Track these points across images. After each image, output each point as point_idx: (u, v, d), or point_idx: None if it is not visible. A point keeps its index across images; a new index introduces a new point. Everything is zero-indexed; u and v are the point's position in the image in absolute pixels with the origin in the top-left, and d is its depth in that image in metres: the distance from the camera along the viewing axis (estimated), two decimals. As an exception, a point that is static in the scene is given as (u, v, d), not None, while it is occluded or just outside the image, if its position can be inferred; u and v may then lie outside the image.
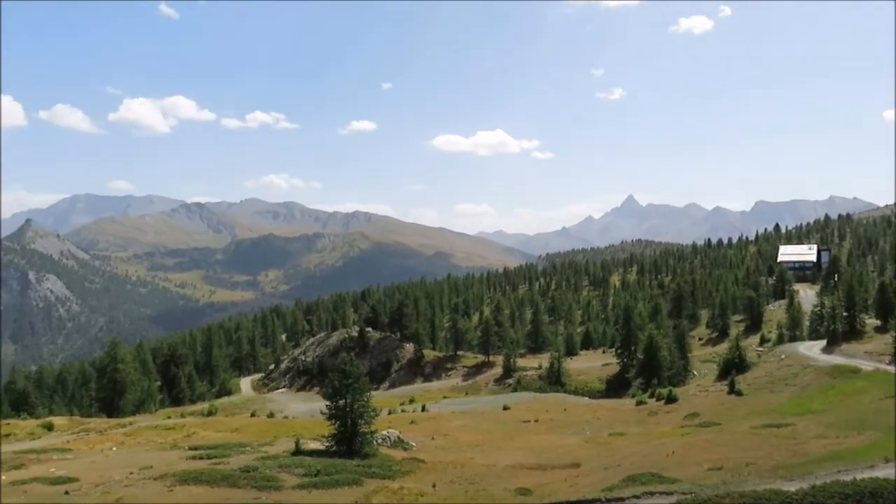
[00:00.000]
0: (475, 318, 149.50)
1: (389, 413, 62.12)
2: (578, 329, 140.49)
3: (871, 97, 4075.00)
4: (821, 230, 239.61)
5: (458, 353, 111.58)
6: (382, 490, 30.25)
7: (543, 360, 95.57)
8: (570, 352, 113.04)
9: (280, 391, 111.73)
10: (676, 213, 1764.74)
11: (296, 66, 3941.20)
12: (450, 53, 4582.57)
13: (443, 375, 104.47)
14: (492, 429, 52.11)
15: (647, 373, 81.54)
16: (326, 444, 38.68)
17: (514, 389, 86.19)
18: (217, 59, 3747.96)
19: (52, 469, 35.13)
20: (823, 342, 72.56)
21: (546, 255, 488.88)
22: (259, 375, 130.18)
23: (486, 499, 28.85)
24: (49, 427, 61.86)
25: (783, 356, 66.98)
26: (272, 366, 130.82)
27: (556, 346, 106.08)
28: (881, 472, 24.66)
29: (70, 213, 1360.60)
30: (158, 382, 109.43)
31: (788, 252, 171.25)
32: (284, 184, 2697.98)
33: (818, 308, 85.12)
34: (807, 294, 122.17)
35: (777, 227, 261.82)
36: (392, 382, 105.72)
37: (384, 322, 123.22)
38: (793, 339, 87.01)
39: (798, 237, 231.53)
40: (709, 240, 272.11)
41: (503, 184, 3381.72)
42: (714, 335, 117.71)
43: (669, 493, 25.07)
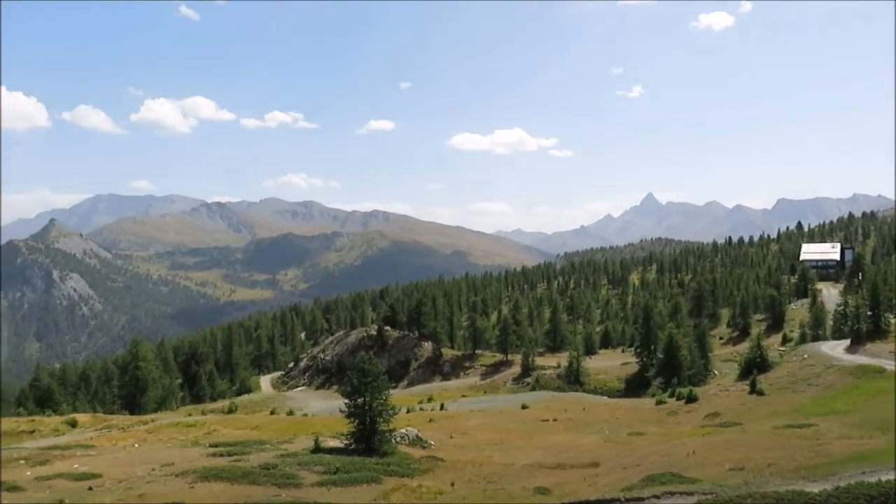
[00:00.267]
0: (493, 317, 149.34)
1: (408, 411, 62.18)
2: (597, 328, 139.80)
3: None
4: (844, 228, 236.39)
5: (477, 352, 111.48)
6: (401, 488, 30.32)
7: (562, 360, 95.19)
8: (589, 351, 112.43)
9: (299, 389, 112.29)
10: (696, 212, 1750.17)
11: (314, 66, 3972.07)
12: (468, 53, 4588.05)
13: (461, 374, 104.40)
14: (510, 428, 52.00)
15: (667, 372, 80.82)
16: (345, 442, 38.90)
17: (533, 388, 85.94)
18: (236, 60, 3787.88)
19: (76, 465, 35.62)
20: (847, 342, 71.57)
21: (564, 254, 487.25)
22: (278, 373, 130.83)
23: (505, 498, 28.79)
24: (73, 424, 62.86)
25: (806, 356, 66.20)
26: (291, 364, 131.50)
27: (575, 346, 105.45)
28: (906, 474, 24.22)
29: (93, 213, 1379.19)
30: (179, 380, 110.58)
31: (811, 250, 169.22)
32: (303, 183, 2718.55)
33: (842, 307, 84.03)
34: (830, 293, 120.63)
35: (799, 225, 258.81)
36: (410, 381, 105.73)
37: (402, 321, 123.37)
38: (815, 339, 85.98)
39: (821, 235, 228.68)
40: (729, 238, 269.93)
41: (521, 182, 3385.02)
42: (735, 334, 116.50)
43: (690, 494, 24.84)
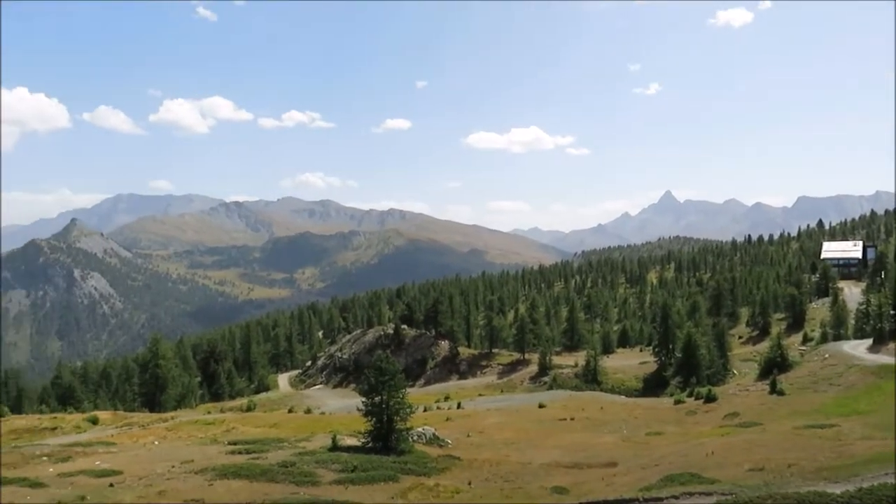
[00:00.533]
0: (510, 316, 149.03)
1: (425, 410, 62.27)
2: (615, 327, 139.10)
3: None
4: (866, 226, 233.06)
5: (494, 351, 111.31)
6: (418, 487, 30.36)
7: (579, 358, 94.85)
8: (607, 350, 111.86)
9: (317, 387, 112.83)
10: (715, 210, 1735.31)
11: (330, 66, 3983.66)
12: (484, 51, 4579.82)
13: (478, 373, 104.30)
14: (527, 427, 51.87)
15: (686, 371, 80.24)
16: (363, 441, 38.99)
17: (550, 387, 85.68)
18: (253, 60, 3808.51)
19: (98, 462, 36.05)
20: (869, 341, 70.53)
21: (582, 253, 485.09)
22: (296, 372, 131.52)
23: (522, 497, 28.74)
24: (94, 421, 63.68)
25: (827, 355, 65.42)
26: (309, 362, 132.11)
27: (593, 344, 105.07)
28: (931, 476, 23.86)
29: (113, 213, 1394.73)
30: (198, 378, 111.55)
31: (832, 248, 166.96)
32: (321, 182, 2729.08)
33: (864, 306, 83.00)
34: (851, 292, 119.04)
35: (820, 223, 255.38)
36: (427, 380, 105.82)
37: (419, 319, 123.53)
38: (837, 338, 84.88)
39: (842, 233, 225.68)
40: (749, 236, 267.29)
41: (538, 181, 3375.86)
42: (755, 333, 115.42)
43: (709, 494, 24.63)
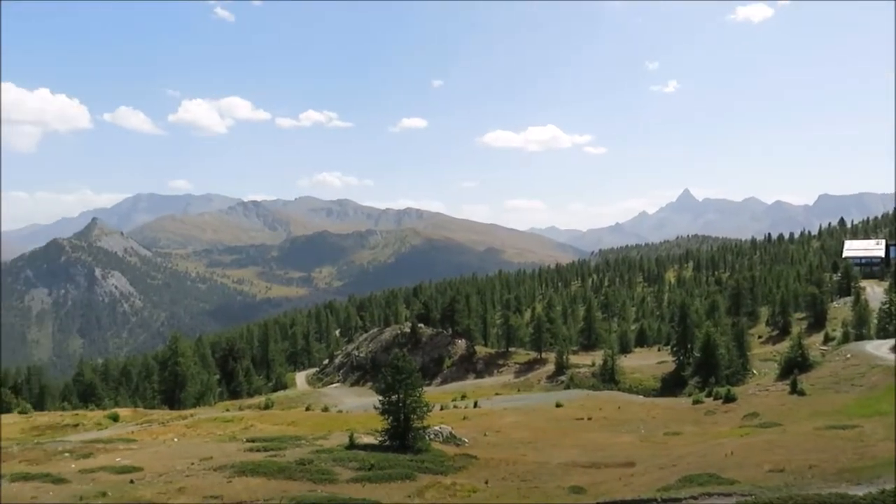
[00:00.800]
0: (527, 315, 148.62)
1: (441, 409, 62.26)
2: (632, 326, 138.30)
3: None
4: (889, 224, 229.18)
5: (510, 350, 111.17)
6: (435, 485, 30.37)
7: (597, 358, 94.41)
8: (624, 349, 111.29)
9: (334, 386, 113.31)
10: (734, 208, 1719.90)
11: (347, 65, 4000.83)
12: (500, 50, 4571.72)
13: (495, 372, 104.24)
14: (544, 426, 51.73)
15: (704, 371, 79.54)
16: (380, 439, 39.11)
17: (567, 387, 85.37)
18: (271, 60, 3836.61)
19: (118, 458, 36.46)
20: (892, 341, 69.43)
21: (599, 251, 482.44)
22: (313, 370, 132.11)
23: (540, 496, 28.65)
24: (115, 418, 64.37)
25: (849, 355, 64.60)
26: (326, 361, 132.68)
27: (610, 344, 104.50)
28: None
29: (133, 212, 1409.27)
30: (217, 376, 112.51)
31: (854, 247, 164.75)
32: (338, 181, 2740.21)
33: (887, 305, 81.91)
34: (874, 291, 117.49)
35: (842, 222, 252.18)
36: (444, 378, 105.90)
37: (436, 318, 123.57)
38: (859, 338, 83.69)
39: (865, 231, 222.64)
40: (769, 235, 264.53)
41: (555, 179, 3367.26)
42: (775, 333, 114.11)
43: (728, 495, 24.43)
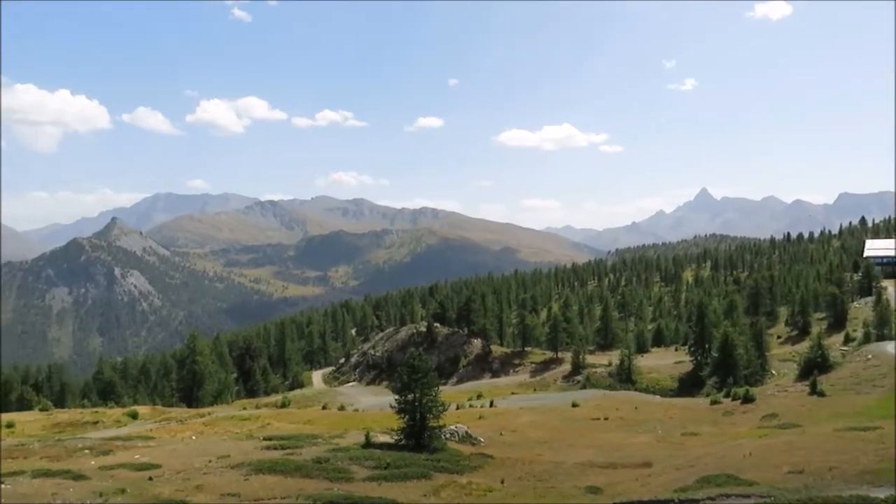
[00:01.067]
0: (543, 315, 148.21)
1: (457, 408, 62.30)
2: (649, 326, 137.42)
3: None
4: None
5: (526, 350, 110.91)
6: (451, 484, 30.35)
7: (613, 358, 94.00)
8: (641, 349, 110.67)
9: (350, 385, 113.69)
10: (753, 207, 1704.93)
11: (363, 65, 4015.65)
12: (516, 49, 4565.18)
13: (510, 371, 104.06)
14: (561, 426, 51.60)
15: (722, 371, 78.87)
16: (396, 438, 39.19)
17: (583, 386, 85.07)
18: (287, 60, 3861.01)
19: (137, 455, 36.80)
20: (914, 342, 68.79)
21: (615, 251, 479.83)
22: (330, 369, 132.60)
23: (556, 496, 28.56)
24: (134, 416, 65.08)
25: (870, 356, 63.86)
26: (342, 360, 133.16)
27: (627, 343, 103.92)
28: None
29: (151, 212, 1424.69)
30: (234, 374, 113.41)
31: (876, 246, 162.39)
32: (353, 181, 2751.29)
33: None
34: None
35: (863, 221, 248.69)
36: (460, 378, 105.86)
37: (452, 317, 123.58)
38: (880, 339, 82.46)
39: (886, 230, 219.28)
40: (788, 234, 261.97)
41: (571, 178, 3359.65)
42: (794, 333, 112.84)
43: (746, 496, 24.21)
